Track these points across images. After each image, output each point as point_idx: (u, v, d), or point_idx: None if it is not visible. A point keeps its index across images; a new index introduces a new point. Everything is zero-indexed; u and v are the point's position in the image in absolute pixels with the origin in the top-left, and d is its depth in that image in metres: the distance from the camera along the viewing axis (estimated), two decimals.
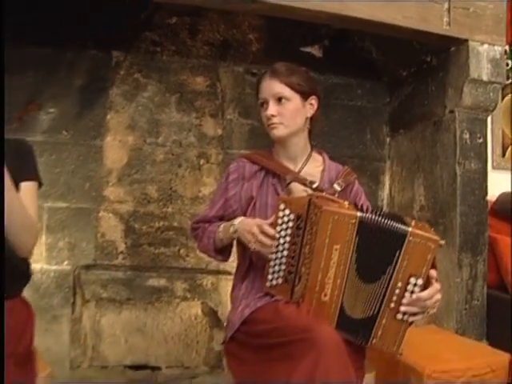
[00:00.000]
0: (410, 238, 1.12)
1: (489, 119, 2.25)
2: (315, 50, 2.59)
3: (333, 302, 1.14)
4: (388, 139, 2.64)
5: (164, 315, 2.35)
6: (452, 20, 2.03)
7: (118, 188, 2.35)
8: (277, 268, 1.26)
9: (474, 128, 2.14)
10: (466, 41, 2.06)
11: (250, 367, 1.13)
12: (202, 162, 2.43)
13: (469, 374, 1.46)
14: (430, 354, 1.52)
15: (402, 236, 1.13)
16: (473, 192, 2.12)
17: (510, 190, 2.44)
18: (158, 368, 2.32)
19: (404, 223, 1.15)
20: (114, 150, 2.37)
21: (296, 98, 1.39)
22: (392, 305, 1.14)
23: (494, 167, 2.41)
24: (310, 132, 1.50)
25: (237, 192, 1.45)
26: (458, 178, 2.11)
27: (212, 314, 2.39)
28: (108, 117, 2.38)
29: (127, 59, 2.42)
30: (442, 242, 1.14)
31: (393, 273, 1.13)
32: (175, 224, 2.39)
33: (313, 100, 1.45)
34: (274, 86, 1.38)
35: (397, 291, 1.13)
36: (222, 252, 1.47)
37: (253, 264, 1.40)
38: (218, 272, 2.38)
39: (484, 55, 2.07)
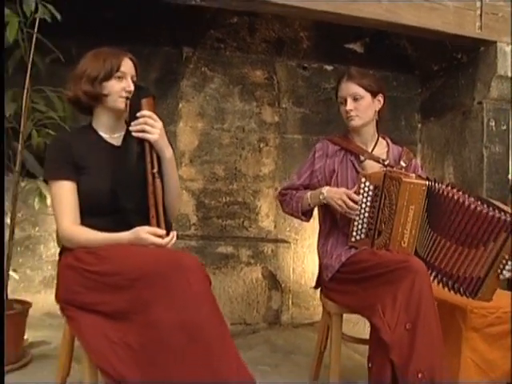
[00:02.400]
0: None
1: None
2: (357, 47, 2.95)
3: (409, 247, 1.54)
4: (419, 125, 3.03)
5: (230, 278, 2.70)
6: (483, 24, 2.39)
7: (190, 168, 2.73)
8: (360, 226, 1.65)
9: (498, 117, 2.52)
10: (495, 42, 2.42)
11: (353, 296, 1.51)
12: (261, 145, 2.81)
13: (500, 310, 1.86)
14: None
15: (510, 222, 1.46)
16: (497, 171, 2.51)
17: None
18: None
19: (503, 212, 1.47)
20: (186, 134, 2.73)
21: (367, 96, 1.76)
22: (498, 270, 1.50)
23: None
24: (377, 122, 1.87)
25: (321, 166, 1.81)
26: (484, 160, 2.50)
27: (271, 278, 2.77)
28: (180, 105, 2.74)
29: (195, 55, 2.78)
30: None
31: (501, 249, 1.47)
32: (239, 199, 2.77)
33: (380, 97, 1.81)
34: (350, 87, 1.74)
35: (503, 261, 1.49)
36: (307, 214, 1.84)
37: (335, 225, 1.78)
38: (276, 240, 2.77)
39: (509, 54, 2.44)
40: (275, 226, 2.80)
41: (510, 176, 2.54)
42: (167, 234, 1.34)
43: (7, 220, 2.11)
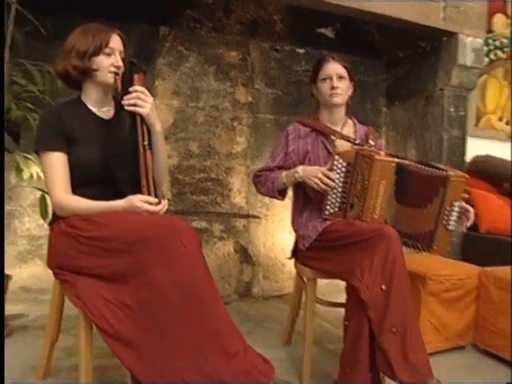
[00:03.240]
0: (452, 179, 1.67)
1: None
2: (328, 32, 3.06)
3: (380, 218, 1.69)
4: (384, 109, 3.20)
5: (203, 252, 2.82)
6: (447, 16, 2.56)
7: (165, 145, 2.77)
8: (333, 201, 1.78)
9: (458, 103, 2.72)
10: (456, 34, 2.60)
11: (330, 262, 1.65)
12: (235, 124, 2.90)
13: (455, 277, 2.08)
14: (428, 266, 2.12)
15: (445, 177, 1.67)
16: (455, 153, 2.72)
17: (482, 153, 3.07)
18: None
19: (440, 169, 1.70)
20: (161, 112, 2.77)
21: (347, 79, 1.89)
22: (444, 221, 1.70)
23: (469, 135, 2.99)
24: (347, 105, 1.99)
25: (295, 148, 1.92)
26: (444, 142, 2.70)
27: (242, 252, 2.90)
28: (156, 83, 2.78)
29: (172, 33, 2.82)
30: (468, 177, 1.73)
31: (442, 201, 1.67)
32: (213, 176, 2.86)
33: (352, 83, 1.95)
34: (337, 67, 1.86)
35: (446, 212, 1.69)
36: (282, 193, 1.95)
37: (308, 201, 1.91)
38: (248, 216, 2.89)
39: (469, 46, 2.63)
40: (247, 202, 2.92)
41: (465, 158, 2.75)
42: (158, 203, 1.42)
43: None
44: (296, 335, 2.13)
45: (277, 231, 2.98)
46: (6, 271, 2.31)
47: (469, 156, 2.91)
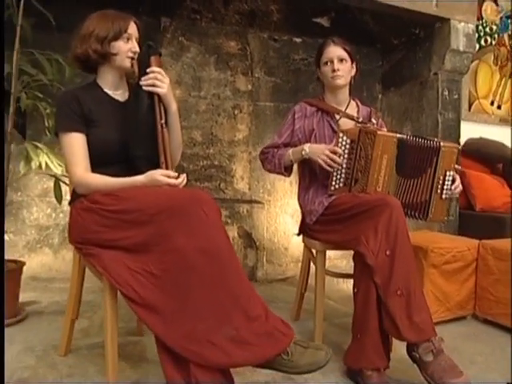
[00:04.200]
0: (443, 149, 1.77)
1: None
2: (324, 21, 3.14)
3: (383, 191, 1.78)
4: (380, 95, 3.29)
5: None
6: (439, 3, 2.65)
7: None
8: (338, 177, 1.86)
9: (451, 87, 2.82)
10: (448, 19, 2.69)
11: (337, 233, 1.73)
12: (236, 112, 2.97)
13: (454, 250, 2.17)
14: (429, 240, 2.22)
15: (437, 148, 1.78)
16: (450, 135, 2.82)
17: (474, 136, 3.18)
18: None
19: (433, 141, 1.80)
20: None
21: (349, 61, 1.97)
22: (438, 191, 1.79)
23: (462, 119, 3.10)
24: (350, 86, 2.07)
25: (301, 126, 2.00)
26: (439, 125, 2.79)
27: (246, 236, 2.97)
28: None
29: (173, 25, 2.88)
30: (460, 147, 1.82)
31: (435, 171, 1.78)
32: (216, 163, 2.93)
33: (354, 65, 2.02)
34: (337, 50, 1.94)
35: (440, 182, 1.79)
36: (288, 169, 2.02)
37: (314, 178, 1.99)
38: (251, 201, 2.97)
39: (461, 31, 2.73)
40: (249, 188, 2.99)
41: (460, 139, 2.85)
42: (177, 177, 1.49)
43: None
44: (303, 313, 2.21)
45: (279, 216, 3.05)
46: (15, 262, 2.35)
47: (462, 140, 3.01)
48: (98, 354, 1.73)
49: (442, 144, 1.79)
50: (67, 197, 1.79)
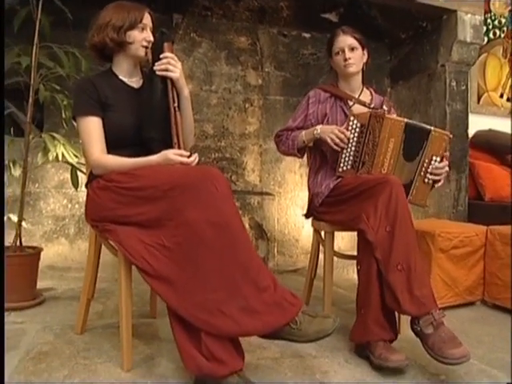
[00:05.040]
0: (433, 133, 1.81)
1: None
2: (332, 17, 3.20)
3: (388, 173, 1.82)
4: (389, 89, 3.33)
5: None
6: None
7: None
8: (347, 159, 1.90)
9: (459, 78, 2.85)
10: (455, 11, 2.73)
11: (342, 213, 1.77)
12: (247, 105, 3.03)
13: (462, 235, 2.20)
14: (437, 226, 2.24)
15: (428, 131, 1.82)
16: (458, 126, 2.84)
17: (483, 128, 3.20)
18: None
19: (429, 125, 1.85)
20: None
21: (360, 48, 2.02)
22: (422, 173, 1.83)
23: (471, 111, 3.12)
24: (363, 73, 2.12)
25: (314, 110, 2.06)
26: (447, 116, 2.82)
27: (258, 228, 3.02)
28: None
29: (184, 21, 2.96)
30: (451, 136, 1.85)
31: (422, 154, 1.82)
32: (227, 155, 2.99)
33: (365, 51, 2.07)
34: (348, 39, 1.99)
35: (425, 165, 1.83)
36: (300, 151, 2.07)
37: (324, 162, 2.03)
38: (261, 193, 3.02)
39: (468, 22, 2.76)
40: (260, 180, 3.05)
41: (468, 130, 2.88)
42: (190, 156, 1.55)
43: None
44: (313, 299, 2.26)
45: (289, 208, 3.10)
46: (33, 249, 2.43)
47: (471, 132, 3.04)
48: (112, 333, 1.80)
49: (433, 128, 1.83)
50: (83, 187, 1.87)
